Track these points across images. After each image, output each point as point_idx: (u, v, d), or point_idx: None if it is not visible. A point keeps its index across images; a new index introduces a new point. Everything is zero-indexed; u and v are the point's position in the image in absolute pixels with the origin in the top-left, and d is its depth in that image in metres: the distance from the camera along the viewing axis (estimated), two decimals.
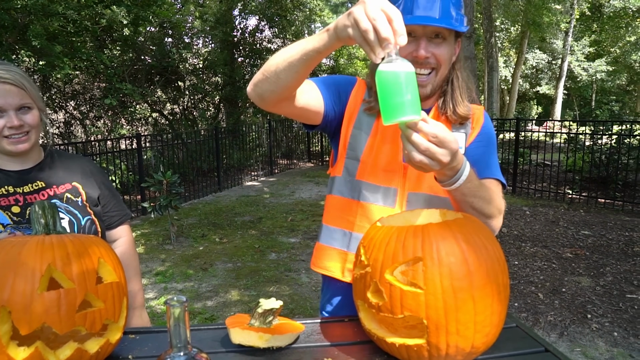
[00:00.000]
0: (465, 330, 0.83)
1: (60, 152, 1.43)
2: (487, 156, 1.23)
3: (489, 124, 1.29)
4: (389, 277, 0.86)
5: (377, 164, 1.22)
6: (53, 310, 0.83)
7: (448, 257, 0.83)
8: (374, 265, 0.89)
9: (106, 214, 1.47)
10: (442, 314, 0.82)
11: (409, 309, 0.84)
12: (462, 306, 0.82)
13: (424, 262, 0.83)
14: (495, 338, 0.91)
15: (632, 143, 7.15)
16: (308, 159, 12.02)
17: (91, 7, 6.46)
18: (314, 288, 4.08)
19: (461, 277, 0.82)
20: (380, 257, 0.88)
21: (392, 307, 0.85)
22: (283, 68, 0.98)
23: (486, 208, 1.10)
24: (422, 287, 0.83)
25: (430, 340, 0.84)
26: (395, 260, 0.86)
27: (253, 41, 11.31)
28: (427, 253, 0.84)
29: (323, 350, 0.98)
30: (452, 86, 1.22)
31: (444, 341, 0.84)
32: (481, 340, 0.86)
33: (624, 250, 4.78)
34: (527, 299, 3.74)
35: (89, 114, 9.07)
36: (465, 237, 0.86)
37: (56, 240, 0.89)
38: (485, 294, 0.84)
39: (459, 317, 0.82)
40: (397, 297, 0.84)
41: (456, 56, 1.23)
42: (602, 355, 2.92)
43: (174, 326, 0.78)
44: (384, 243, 0.89)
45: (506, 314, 0.94)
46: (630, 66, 22.68)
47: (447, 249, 0.84)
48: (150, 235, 5.73)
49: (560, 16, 18.44)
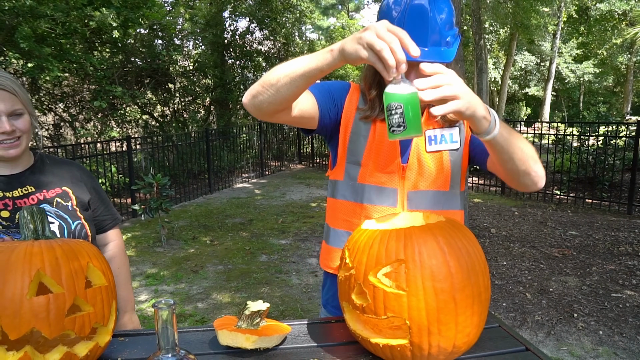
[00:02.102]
0: (447, 330, 0.86)
1: (50, 156, 1.43)
2: None
3: None
4: (372, 279, 0.88)
5: (376, 166, 1.26)
6: (42, 315, 0.84)
7: (430, 260, 0.85)
8: (358, 268, 0.91)
9: (96, 218, 1.48)
10: (424, 315, 0.85)
11: (392, 310, 0.86)
12: (443, 307, 0.85)
13: (407, 265, 0.86)
14: (476, 338, 0.93)
15: (618, 144, 7.27)
16: (299, 160, 12.04)
17: (80, 9, 6.42)
18: (305, 290, 4.10)
19: (442, 279, 0.85)
20: (364, 259, 0.90)
21: (375, 309, 0.88)
22: (284, 83, 1.01)
23: (529, 161, 1.05)
24: (405, 289, 0.85)
25: (412, 340, 0.86)
26: (379, 262, 0.88)
27: (243, 43, 11.30)
28: (410, 255, 0.86)
29: (310, 351, 1.00)
30: None
31: (426, 341, 0.86)
32: (462, 340, 0.88)
33: (610, 250, 4.86)
34: (515, 298, 3.79)
35: (79, 116, 9.01)
36: (446, 239, 0.88)
37: (45, 245, 0.90)
38: (466, 295, 0.86)
39: (440, 318, 0.85)
40: (381, 298, 0.87)
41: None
42: (587, 353, 2.97)
43: (162, 329, 0.80)
44: (367, 246, 0.92)
45: (487, 314, 0.97)
46: (616, 68, 23.01)
47: (429, 251, 0.86)
48: (141, 238, 5.71)
49: (548, 19, 18.65)
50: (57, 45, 6.76)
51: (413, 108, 0.90)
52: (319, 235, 5.70)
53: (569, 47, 23.01)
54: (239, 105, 11.81)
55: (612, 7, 18.48)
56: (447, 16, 1.13)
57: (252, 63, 11.68)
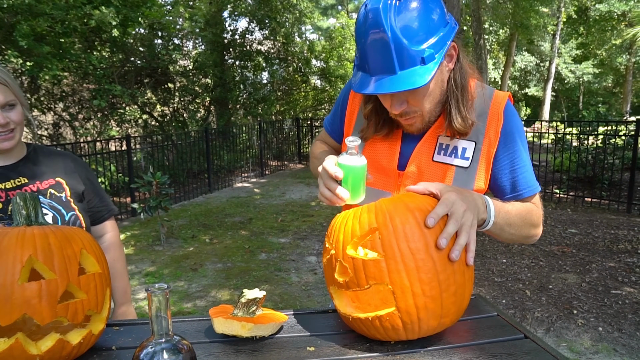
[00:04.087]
0: (431, 290, 0.86)
1: (44, 147, 1.42)
2: (513, 167, 1.14)
3: (510, 121, 1.14)
4: (350, 252, 0.90)
5: (372, 168, 1.21)
6: (34, 301, 0.83)
7: (402, 224, 0.88)
8: (337, 247, 0.93)
9: (91, 209, 1.47)
10: (404, 276, 0.86)
11: (373, 277, 0.87)
12: (422, 266, 0.86)
13: (380, 231, 0.88)
14: (465, 300, 0.94)
15: (618, 143, 7.26)
16: (299, 160, 12.02)
17: (79, 7, 6.40)
18: (304, 287, 4.09)
19: (416, 239, 0.87)
20: (340, 237, 0.93)
21: (358, 280, 0.89)
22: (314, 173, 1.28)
23: (524, 232, 1.13)
24: (382, 254, 0.87)
25: (399, 305, 0.87)
26: (354, 235, 0.91)
27: (243, 43, 11.29)
28: (382, 222, 0.89)
29: (306, 340, 0.99)
30: (449, 100, 1.11)
31: (412, 304, 0.86)
32: (449, 300, 0.89)
33: (609, 248, 4.85)
34: (514, 295, 3.78)
35: (78, 116, 8.99)
36: (416, 204, 0.91)
37: (38, 231, 0.89)
38: (444, 252, 0.88)
39: (421, 277, 0.86)
40: (360, 268, 0.89)
41: (450, 67, 1.09)
42: (587, 349, 2.96)
43: (156, 314, 0.78)
44: (342, 224, 0.95)
45: (473, 276, 0.98)
46: (616, 68, 23.01)
47: (400, 216, 0.89)
48: (140, 237, 5.70)
49: (547, 19, 18.66)
50: (56, 43, 6.74)
51: (354, 179, 1.03)
52: (319, 233, 5.68)
53: (569, 47, 23.01)
54: (239, 105, 11.80)
55: (612, 7, 18.48)
56: (417, 28, 0.97)
57: (252, 63, 11.67)
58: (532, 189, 1.17)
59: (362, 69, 1.04)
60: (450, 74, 1.10)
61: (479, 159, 1.13)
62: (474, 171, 1.13)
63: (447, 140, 1.14)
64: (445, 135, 1.14)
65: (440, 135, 1.15)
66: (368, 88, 1.01)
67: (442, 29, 1.01)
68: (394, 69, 0.98)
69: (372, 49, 0.99)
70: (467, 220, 0.92)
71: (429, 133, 1.16)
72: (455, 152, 1.13)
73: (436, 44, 0.99)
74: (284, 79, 12.80)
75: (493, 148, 1.13)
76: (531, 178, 1.17)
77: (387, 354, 0.92)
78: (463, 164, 1.13)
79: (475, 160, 1.13)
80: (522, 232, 1.13)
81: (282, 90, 13.02)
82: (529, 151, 1.18)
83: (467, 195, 0.96)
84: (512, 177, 1.15)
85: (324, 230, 5.82)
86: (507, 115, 1.14)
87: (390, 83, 0.98)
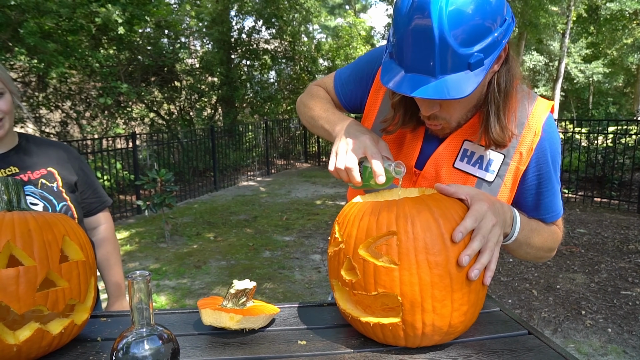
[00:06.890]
0: (442, 308, 0.80)
1: (35, 137, 1.39)
2: (540, 190, 1.05)
3: (549, 138, 1.01)
4: (362, 253, 0.82)
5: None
6: (11, 288, 0.79)
7: (424, 232, 0.79)
8: (348, 242, 0.85)
9: (85, 200, 1.44)
10: (417, 290, 0.79)
11: (383, 285, 0.80)
12: (438, 282, 0.79)
13: (398, 237, 0.80)
14: (474, 318, 0.87)
15: (628, 143, 7.13)
16: (305, 159, 11.98)
17: (86, 5, 6.42)
18: (307, 285, 4.05)
19: (437, 252, 0.79)
20: (354, 232, 0.85)
21: (365, 284, 0.82)
22: (304, 119, 1.24)
23: (540, 253, 1.07)
24: (397, 262, 0.79)
25: (405, 318, 0.81)
26: (369, 235, 0.82)
27: (250, 41, 11.28)
28: (402, 227, 0.80)
29: (298, 333, 0.95)
30: (489, 106, 0.97)
31: (420, 319, 0.80)
32: (459, 319, 0.83)
33: (619, 248, 4.76)
34: (521, 295, 3.71)
35: (85, 114, 9.03)
36: (441, 211, 0.82)
37: (17, 216, 0.85)
38: (463, 270, 0.81)
39: (435, 294, 0.79)
40: (371, 273, 0.81)
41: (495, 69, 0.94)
42: (596, 351, 2.89)
43: (137, 302, 0.75)
44: (357, 218, 0.86)
45: (485, 293, 0.91)
46: (627, 68, 22.70)
47: (423, 223, 0.80)
48: (145, 234, 5.69)
49: (557, 18, 18.46)
50: (63, 41, 6.77)
51: (374, 186, 0.97)
52: (323, 232, 5.64)
53: (578, 46, 22.73)
54: (245, 104, 11.79)
55: (623, 6, 18.23)
56: (470, 27, 0.81)
57: (258, 61, 11.65)
58: (555, 215, 1.09)
59: (396, 59, 0.89)
60: (494, 76, 0.95)
61: (504, 174, 1.01)
62: (497, 187, 1.02)
63: (473, 147, 1.02)
64: (471, 142, 1.02)
65: (466, 140, 1.02)
66: (401, 87, 0.87)
67: (498, 28, 0.85)
68: (434, 71, 0.84)
69: (412, 40, 0.84)
70: (494, 237, 0.83)
71: (453, 135, 1.04)
72: (481, 163, 1.01)
73: (488, 47, 0.84)
74: (291, 78, 12.77)
75: (523, 165, 1.01)
76: (557, 203, 1.08)
77: (381, 349, 0.88)
78: (487, 177, 1.01)
79: (501, 175, 1.01)
80: (538, 254, 1.07)
81: (289, 89, 12.99)
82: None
83: (498, 207, 0.87)
84: (536, 200, 1.06)
85: (328, 228, 5.77)
86: (547, 131, 1.01)
87: (427, 87, 0.85)
